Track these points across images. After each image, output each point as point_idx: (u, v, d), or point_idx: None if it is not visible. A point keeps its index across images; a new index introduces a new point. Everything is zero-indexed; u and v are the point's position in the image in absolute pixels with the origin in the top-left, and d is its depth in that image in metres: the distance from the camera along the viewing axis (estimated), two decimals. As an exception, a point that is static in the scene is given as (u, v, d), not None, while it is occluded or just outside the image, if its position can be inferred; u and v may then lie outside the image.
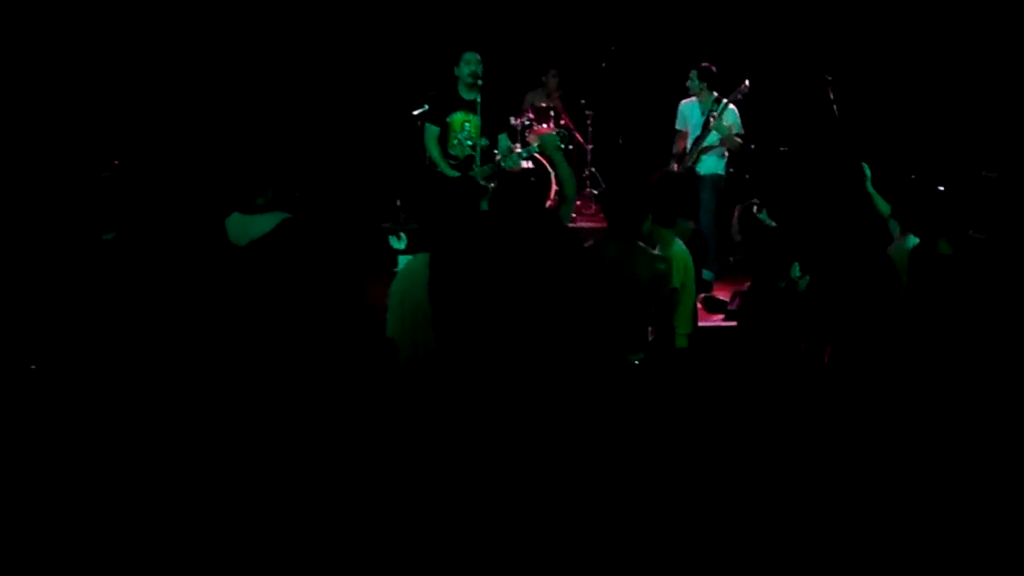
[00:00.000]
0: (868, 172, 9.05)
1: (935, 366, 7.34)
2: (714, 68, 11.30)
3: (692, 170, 11.29)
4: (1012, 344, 7.47)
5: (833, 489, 6.48)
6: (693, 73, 11.37)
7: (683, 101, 11.53)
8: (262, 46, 13.12)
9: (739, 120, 11.22)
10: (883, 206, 8.82)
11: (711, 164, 11.29)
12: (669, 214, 8.07)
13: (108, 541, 5.92)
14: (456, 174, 10.05)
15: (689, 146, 11.36)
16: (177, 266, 8.65)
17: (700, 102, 11.34)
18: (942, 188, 8.35)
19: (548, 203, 12.71)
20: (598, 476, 6.47)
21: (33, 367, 7.89)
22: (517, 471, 6.51)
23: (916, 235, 7.89)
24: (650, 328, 7.41)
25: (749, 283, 8.69)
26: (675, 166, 11.46)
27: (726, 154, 11.32)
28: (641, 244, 7.27)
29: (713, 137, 11.19)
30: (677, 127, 11.57)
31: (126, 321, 8.28)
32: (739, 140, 11.24)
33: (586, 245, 7.55)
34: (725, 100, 11.14)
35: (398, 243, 10.51)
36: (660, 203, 7.80)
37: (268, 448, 6.71)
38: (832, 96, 11.45)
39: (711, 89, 11.28)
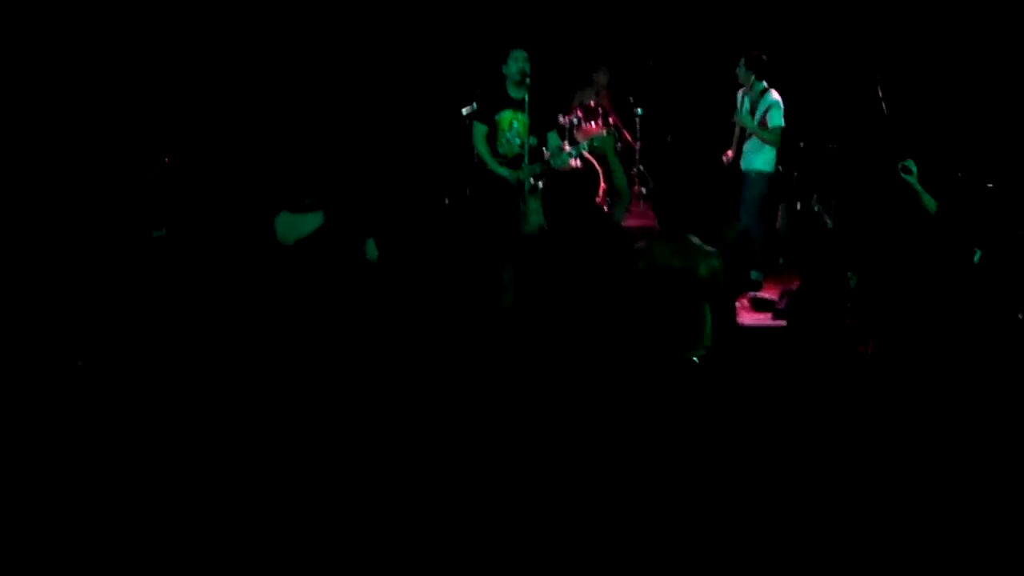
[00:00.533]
0: (915, 169, 8.99)
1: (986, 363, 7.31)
2: (764, 56, 11.21)
3: (736, 166, 11.23)
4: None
5: (881, 486, 6.46)
6: (741, 62, 11.29)
7: (739, 91, 11.45)
8: (312, 46, 13.16)
9: (780, 114, 11.11)
10: (930, 203, 8.77)
11: (752, 160, 11.20)
12: None
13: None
14: (505, 172, 10.04)
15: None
16: (226, 263, 8.70)
17: (749, 93, 11.25)
18: (991, 186, 8.31)
19: (597, 200, 12.75)
20: (651, 471, 6.49)
21: (80, 363, 7.96)
22: (565, 466, 6.54)
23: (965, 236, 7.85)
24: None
25: (798, 282, 8.66)
26: (724, 158, 11.43)
27: (765, 148, 11.23)
28: (695, 241, 7.27)
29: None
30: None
31: (176, 317, 8.34)
32: (768, 134, 11.13)
33: (637, 245, 7.54)
34: (770, 90, 11.09)
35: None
36: None
37: (316, 438, 6.76)
38: (881, 94, 11.38)
39: (760, 78, 11.19)
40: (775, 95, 11.12)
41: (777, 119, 11.06)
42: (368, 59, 13.45)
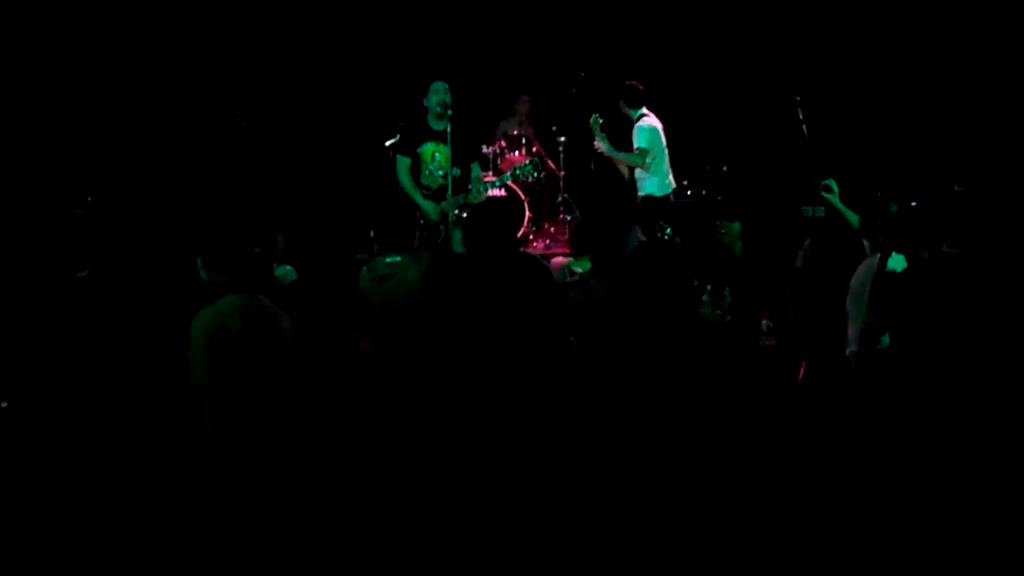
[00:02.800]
0: (836, 188, 9.08)
1: (917, 380, 7.34)
2: (639, 86, 11.58)
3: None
4: (991, 354, 7.48)
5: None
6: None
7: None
8: (231, 83, 13.11)
9: (644, 136, 11.40)
10: (853, 218, 8.83)
11: (643, 185, 11.53)
12: None
13: None
14: (429, 204, 10.05)
15: None
16: (151, 302, 8.63)
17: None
18: (914, 203, 8.38)
19: (522, 230, 12.82)
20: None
21: (4, 405, 7.86)
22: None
23: (898, 250, 7.88)
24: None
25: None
26: None
27: (651, 173, 11.45)
28: None
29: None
30: None
31: (100, 358, 8.26)
32: (625, 155, 11.60)
33: (571, 278, 7.67)
34: (645, 116, 11.42)
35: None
36: None
37: (243, 483, 6.69)
38: (801, 116, 11.49)
39: (636, 107, 11.54)
40: (645, 120, 11.37)
41: (640, 141, 11.38)
42: (289, 95, 13.43)
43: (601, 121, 11.53)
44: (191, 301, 7.92)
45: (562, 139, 13.56)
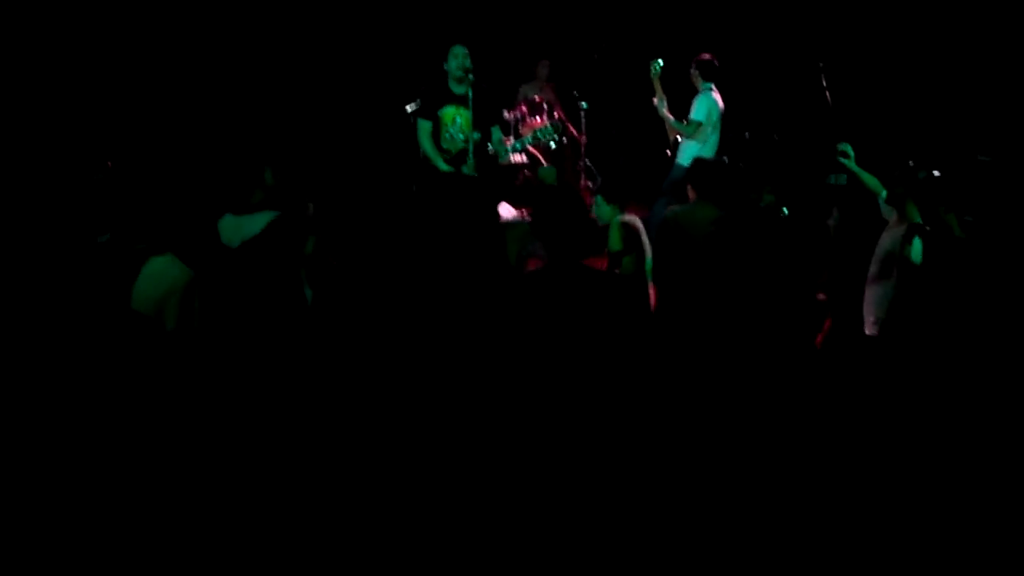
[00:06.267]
0: (852, 152, 9.04)
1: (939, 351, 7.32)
2: (715, 61, 11.41)
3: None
4: (1012, 327, 7.46)
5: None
6: (692, 65, 11.50)
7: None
8: (252, 46, 13.10)
9: (703, 110, 11.24)
10: (872, 183, 8.79)
11: (681, 153, 11.43)
12: None
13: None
14: (450, 168, 10.05)
15: None
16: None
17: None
18: (937, 172, 8.34)
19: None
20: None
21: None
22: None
23: (920, 215, 7.86)
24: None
25: None
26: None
27: (691, 143, 11.35)
28: None
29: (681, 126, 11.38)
30: None
31: (122, 324, 8.25)
32: (679, 124, 11.45)
33: None
34: (709, 91, 11.26)
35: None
36: None
37: (266, 448, 6.70)
38: (825, 83, 11.44)
39: (707, 80, 11.35)
40: (711, 94, 11.25)
41: (697, 113, 11.22)
42: (310, 58, 13.40)
43: (660, 69, 11.43)
44: (210, 265, 7.96)
45: (584, 104, 13.52)
